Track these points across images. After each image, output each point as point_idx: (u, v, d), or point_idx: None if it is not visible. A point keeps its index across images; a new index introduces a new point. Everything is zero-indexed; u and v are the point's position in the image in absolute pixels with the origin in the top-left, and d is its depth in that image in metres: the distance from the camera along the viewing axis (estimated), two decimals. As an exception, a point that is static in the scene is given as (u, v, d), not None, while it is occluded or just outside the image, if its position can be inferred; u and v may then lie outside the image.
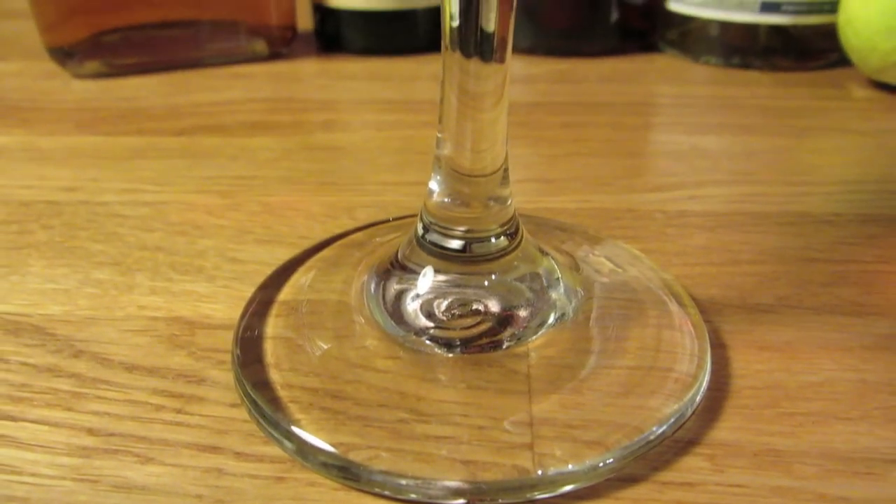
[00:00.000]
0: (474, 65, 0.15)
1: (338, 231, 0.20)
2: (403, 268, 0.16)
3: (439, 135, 0.15)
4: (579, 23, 0.40)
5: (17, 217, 0.22)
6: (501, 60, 0.15)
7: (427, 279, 0.15)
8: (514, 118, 0.30)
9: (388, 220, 0.20)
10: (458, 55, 0.15)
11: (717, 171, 0.25)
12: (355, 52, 0.40)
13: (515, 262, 0.15)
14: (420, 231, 0.16)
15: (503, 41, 0.15)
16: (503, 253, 0.15)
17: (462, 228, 0.15)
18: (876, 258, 0.19)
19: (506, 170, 0.16)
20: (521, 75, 0.37)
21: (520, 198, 0.23)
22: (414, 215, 0.20)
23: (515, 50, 0.41)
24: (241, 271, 0.18)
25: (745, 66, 0.37)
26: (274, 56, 0.40)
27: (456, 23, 0.15)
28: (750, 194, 0.23)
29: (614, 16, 0.40)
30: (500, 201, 0.15)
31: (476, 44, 0.15)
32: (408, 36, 0.40)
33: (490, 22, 0.14)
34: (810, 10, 0.35)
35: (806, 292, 0.18)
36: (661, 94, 0.34)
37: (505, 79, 0.15)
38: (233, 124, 0.29)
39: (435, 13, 0.39)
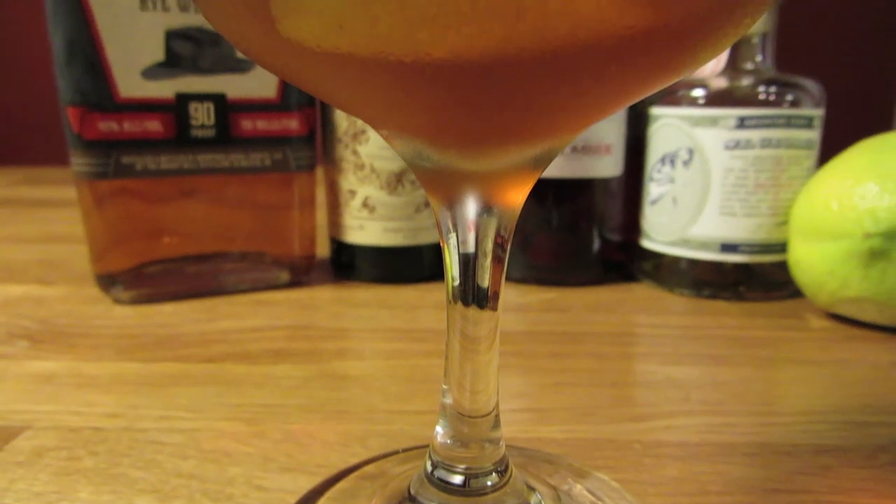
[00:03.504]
0: (472, 312, 0.19)
1: (352, 460, 0.23)
2: (413, 500, 0.18)
3: (444, 386, 0.19)
4: (565, 256, 0.45)
5: (66, 443, 0.24)
6: (494, 308, 0.19)
7: (432, 513, 0.18)
8: (510, 347, 0.34)
9: (397, 452, 0.23)
10: (459, 306, 0.18)
11: (688, 402, 0.28)
12: (367, 280, 0.45)
13: (506, 497, 0.18)
14: (429, 468, 0.18)
15: (495, 294, 0.19)
16: (495, 488, 0.18)
17: (462, 466, 0.18)
18: (829, 489, 0.22)
19: (497, 415, 0.19)
20: (515, 304, 0.41)
21: (514, 427, 0.26)
22: (419, 446, 0.23)
23: (508, 280, 0.46)
24: (266, 499, 0.21)
25: (715, 297, 0.42)
26: (294, 283, 0.45)
27: (457, 283, 0.19)
28: (718, 425, 0.26)
29: (596, 248, 0.45)
30: (493, 442, 0.18)
31: (473, 296, 0.19)
32: (414, 268, 0.45)
33: (484, 280, 0.19)
34: (764, 251, 0.41)
35: (767, 523, 0.20)
36: (638, 324, 0.38)
37: (497, 324, 0.19)
38: (257, 352, 0.33)
39: (438, 249, 0.45)
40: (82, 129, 0.38)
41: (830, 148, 0.41)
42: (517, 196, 0.17)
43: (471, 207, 0.17)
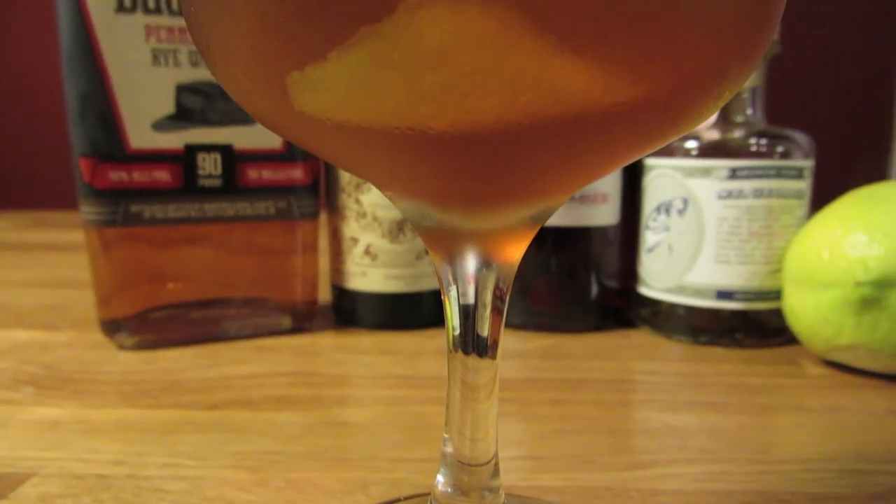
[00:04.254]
0: (472, 360, 0.19)
1: (354, 508, 0.23)
2: (413, 549, 0.19)
3: (446, 435, 0.19)
4: (564, 302, 0.46)
5: (71, 490, 0.25)
6: (493, 357, 0.19)
7: (433, 561, 0.18)
8: (509, 394, 0.34)
9: (398, 500, 0.23)
10: (459, 354, 0.19)
11: (685, 450, 0.28)
12: (368, 326, 0.46)
13: (506, 546, 0.18)
14: (429, 517, 0.19)
15: (495, 343, 0.19)
16: (496, 537, 0.18)
17: (463, 515, 0.18)
18: (825, 538, 0.22)
19: (496, 464, 0.19)
20: (514, 350, 0.42)
21: (514, 475, 0.26)
22: (420, 494, 0.24)
23: (508, 326, 0.46)
24: (269, 547, 0.21)
25: (712, 343, 0.42)
26: (296, 329, 0.45)
27: (457, 332, 0.19)
28: (715, 473, 0.26)
29: (594, 295, 0.46)
30: (492, 491, 0.19)
31: (473, 345, 0.19)
32: (415, 314, 0.45)
33: (484, 330, 0.19)
34: (759, 298, 0.41)
35: (764, 572, 0.20)
36: (636, 371, 0.38)
37: (496, 373, 0.20)
38: (259, 398, 0.33)
39: (438, 295, 0.45)
40: (93, 179, 0.39)
41: (823, 198, 0.42)
42: (515, 252, 0.18)
43: (470, 263, 0.18)
